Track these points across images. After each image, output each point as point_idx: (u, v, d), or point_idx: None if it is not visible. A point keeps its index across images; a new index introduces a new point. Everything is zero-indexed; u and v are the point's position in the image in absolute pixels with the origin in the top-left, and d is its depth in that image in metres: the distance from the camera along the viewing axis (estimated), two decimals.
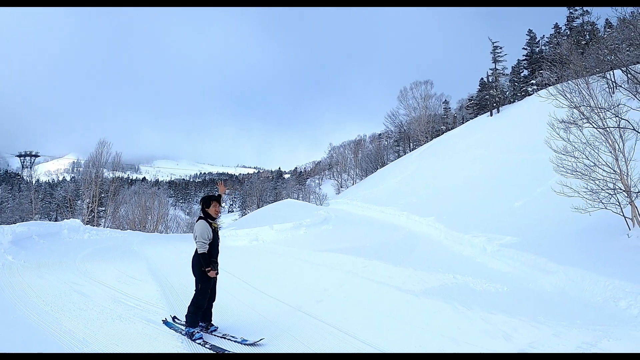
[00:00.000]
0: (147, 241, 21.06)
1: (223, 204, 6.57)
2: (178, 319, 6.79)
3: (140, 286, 9.49)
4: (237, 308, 7.92)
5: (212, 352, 5.52)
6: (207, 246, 6.16)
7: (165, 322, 6.64)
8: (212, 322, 6.43)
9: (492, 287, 9.75)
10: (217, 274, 6.32)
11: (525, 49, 56.23)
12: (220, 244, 6.64)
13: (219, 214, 6.53)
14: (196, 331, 6.00)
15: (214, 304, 6.54)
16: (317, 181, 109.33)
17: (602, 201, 11.28)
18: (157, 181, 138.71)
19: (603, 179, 11.32)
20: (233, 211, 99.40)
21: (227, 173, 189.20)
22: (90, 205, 43.57)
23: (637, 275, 8.45)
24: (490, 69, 54.08)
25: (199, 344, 5.76)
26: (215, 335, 6.12)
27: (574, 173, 11.82)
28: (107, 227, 39.44)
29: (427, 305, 8.19)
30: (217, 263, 6.42)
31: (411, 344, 6.00)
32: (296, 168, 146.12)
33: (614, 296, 8.05)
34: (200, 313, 6.16)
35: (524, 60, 56.14)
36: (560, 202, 12.62)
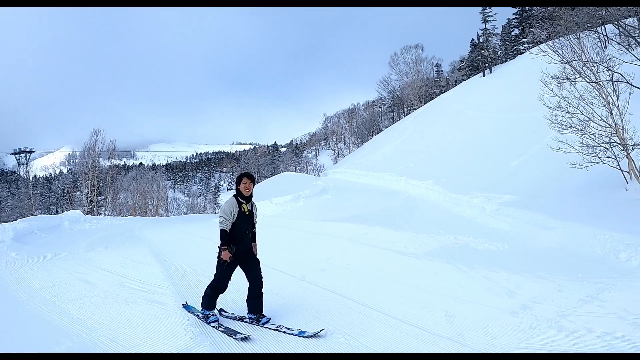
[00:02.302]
0: (149, 225, 21.13)
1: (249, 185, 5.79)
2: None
3: (144, 269, 9.52)
4: (241, 282, 7.99)
5: (226, 335, 5.33)
6: (229, 224, 5.57)
7: (185, 305, 6.47)
8: (263, 313, 5.77)
9: (493, 245, 9.83)
10: (230, 258, 5.55)
11: (515, 7, 55.50)
12: (252, 230, 5.94)
13: (250, 192, 5.82)
14: (211, 314, 5.78)
15: (261, 292, 5.85)
16: (313, 152, 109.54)
17: (599, 155, 11.30)
18: (154, 165, 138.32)
19: (598, 133, 11.31)
20: (232, 189, 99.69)
21: (223, 151, 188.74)
22: (89, 195, 43.54)
23: (636, 227, 8.52)
24: (481, 29, 53.47)
25: (213, 327, 5.60)
26: (268, 328, 5.50)
27: (569, 128, 11.80)
28: (108, 215, 39.51)
29: (429, 267, 8.28)
30: (236, 247, 5.68)
31: (416, 306, 6.06)
32: (292, 141, 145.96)
33: (614, 249, 8.12)
34: (217, 295, 5.77)
35: (514, 18, 55.42)
36: (557, 159, 12.65)
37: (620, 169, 11.09)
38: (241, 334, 5.27)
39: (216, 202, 76.91)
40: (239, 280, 5.91)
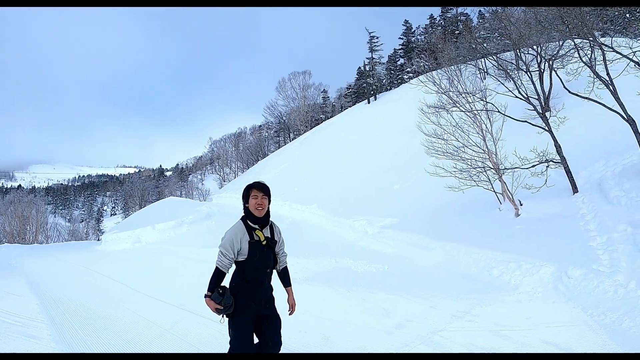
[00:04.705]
0: (26, 253, 20.27)
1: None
2: None
3: (19, 301, 8.82)
4: (120, 315, 7.56)
5: None
6: (227, 261, 3.87)
7: None
8: None
9: (374, 267, 10.08)
10: (224, 315, 3.75)
11: (402, 39, 59.05)
12: (272, 268, 4.13)
13: (265, 211, 3.99)
14: None
15: None
16: (199, 177, 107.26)
17: (474, 179, 12.10)
18: (33, 188, 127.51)
19: (472, 158, 12.12)
20: (116, 214, 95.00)
21: (107, 174, 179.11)
22: None
23: (508, 245, 9.17)
24: (367, 58, 56.06)
25: None
26: None
27: (445, 154, 12.55)
28: None
29: (309, 291, 8.21)
30: (251, 296, 3.84)
31: (294, 330, 5.90)
32: (178, 164, 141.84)
33: (488, 266, 8.65)
34: None
35: (400, 49, 58.86)
36: (436, 183, 13.37)
37: (494, 191, 11.96)
38: None
39: (99, 228, 73.22)
40: None
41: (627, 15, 14.29)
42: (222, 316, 3.74)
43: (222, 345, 5.61)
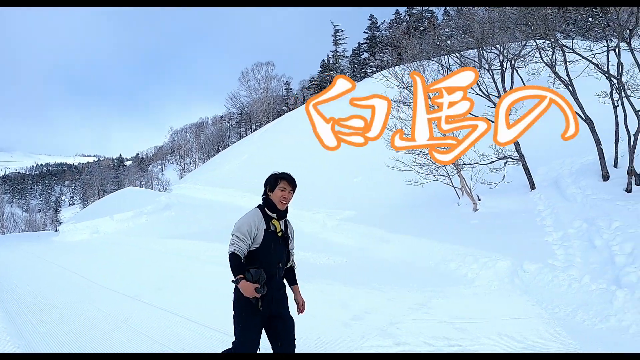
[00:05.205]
0: None
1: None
2: None
3: None
4: (75, 307, 7.37)
5: None
6: (243, 246, 3.37)
7: None
8: None
9: (332, 260, 10.06)
10: (260, 297, 3.24)
11: (367, 33, 59.27)
12: (285, 263, 3.70)
13: (286, 206, 3.61)
14: None
15: None
16: (159, 167, 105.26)
17: (433, 173, 12.21)
18: None
19: None
20: (74, 204, 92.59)
21: (66, 163, 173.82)
22: None
23: (465, 239, 9.29)
24: (332, 51, 56.15)
25: None
26: None
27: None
28: None
29: None
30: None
31: None
32: (138, 154, 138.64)
33: (445, 259, 8.73)
34: None
35: (364, 43, 59.10)
36: (396, 176, 13.42)
37: (453, 186, 12.10)
38: None
39: (57, 219, 71.10)
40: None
41: (590, 19, 14.68)
42: (261, 297, 3.25)
43: (181, 336, 5.49)
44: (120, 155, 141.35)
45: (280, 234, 3.58)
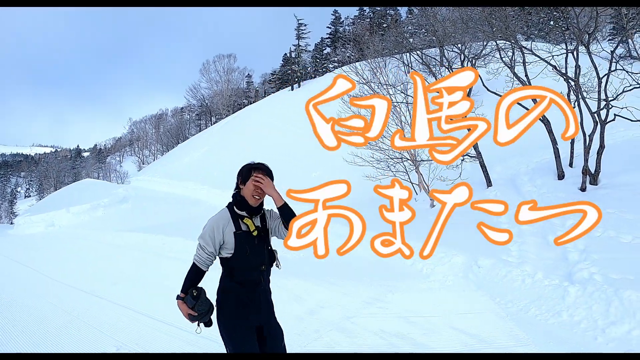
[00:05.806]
0: None
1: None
2: None
3: None
4: (29, 302, 7.22)
5: None
6: (205, 255, 2.89)
7: None
8: None
9: (289, 254, 9.90)
10: (199, 323, 2.92)
11: (330, 28, 59.32)
12: (269, 265, 3.09)
13: (260, 198, 3.02)
14: None
15: None
16: (117, 158, 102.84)
17: (391, 169, 12.25)
18: None
19: (390, 149, 12.26)
20: (30, 196, 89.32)
21: (22, 154, 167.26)
22: None
23: (421, 233, 9.25)
24: (294, 45, 55.87)
25: None
26: None
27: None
28: None
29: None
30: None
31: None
32: (96, 145, 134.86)
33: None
34: None
35: (327, 38, 59.13)
36: (353, 172, 13.41)
37: (411, 182, 12.17)
38: None
39: (12, 211, 68.64)
40: None
41: (551, 22, 15.04)
42: (198, 325, 2.90)
43: (133, 331, 5.33)
44: (77, 146, 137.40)
45: (255, 233, 2.96)
